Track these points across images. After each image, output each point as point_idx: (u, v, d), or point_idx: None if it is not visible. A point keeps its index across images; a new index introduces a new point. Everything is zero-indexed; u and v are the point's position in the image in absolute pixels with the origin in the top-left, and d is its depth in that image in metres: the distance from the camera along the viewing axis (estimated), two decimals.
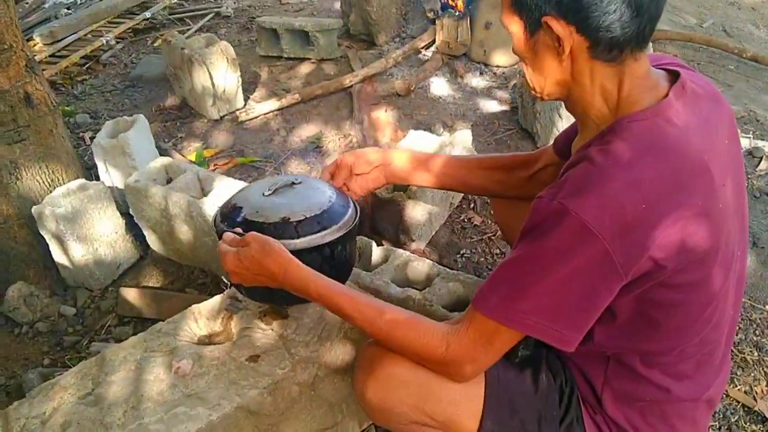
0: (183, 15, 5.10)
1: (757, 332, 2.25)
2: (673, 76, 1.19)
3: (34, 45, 4.57)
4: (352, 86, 3.71)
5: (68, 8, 5.14)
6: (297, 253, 1.41)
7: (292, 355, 1.62)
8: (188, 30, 4.76)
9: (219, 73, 3.41)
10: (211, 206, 2.28)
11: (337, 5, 4.72)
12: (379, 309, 1.30)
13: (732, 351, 2.16)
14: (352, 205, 1.63)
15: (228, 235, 1.44)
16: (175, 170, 2.55)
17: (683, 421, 1.31)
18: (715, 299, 1.19)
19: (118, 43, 4.63)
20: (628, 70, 1.12)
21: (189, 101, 3.65)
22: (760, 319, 2.29)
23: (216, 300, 1.83)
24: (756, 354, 2.16)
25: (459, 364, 1.22)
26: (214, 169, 3.13)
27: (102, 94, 3.98)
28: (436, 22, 4.01)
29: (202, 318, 1.79)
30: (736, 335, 2.22)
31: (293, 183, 1.60)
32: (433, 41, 4.11)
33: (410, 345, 1.26)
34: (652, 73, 1.16)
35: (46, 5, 5.22)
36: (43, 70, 4.13)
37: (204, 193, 2.46)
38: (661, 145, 1.07)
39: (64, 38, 4.58)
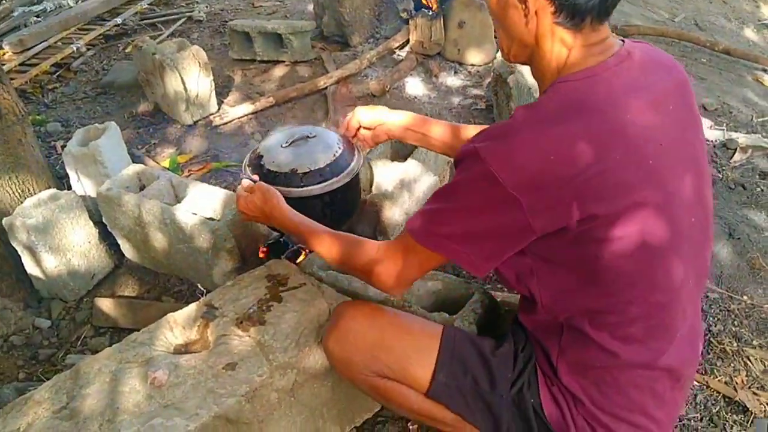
0: (154, 20, 5.03)
1: (735, 323, 2.26)
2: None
3: (3, 54, 4.50)
4: (326, 88, 3.69)
5: (38, 16, 5.07)
6: (301, 199, 1.78)
7: (270, 361, 1.60)
8: (160, 35, 4.71)
9: (191, 77, 3.38)
10: (184, 213, 2.25)
11: (310, 7, 4.69)
12: (334, 236, 1.53)
13: (711, 342, 2.18)
14: (355, 158, 1.90)
15: (245, 182, 1.76)
16: (148, 177, 2.51)
17: (640, 391, 1.31)
18: (658, 260, 1.21)
19: (89, 50, 4.57)
20: (584, 38, 1.19)
21: (162, 107, 3.61)
22: (738, 309, 2.31)
23: (192, 308, 1.80)
24: (735, 344, 2.17)
25: (386, 271, 1.36)
26: (189, 175, 3.09)
27: (73, 101, 3.93)
28: (410, 22, 4.00)
29: (177, 327, 1.76)
30: (714, 326, 2.23)
31: (308, 137, 1.88)
32: (407, 41, 4.10)
33: (351, 258, 1.45)
34: (606, 42, 1.22)
35: (15, 14, 5.14)
36: (13, 79, 4.08)
37: (178, 199, 2.43)
38: (584, 104, 1.14)
39: (34, 46, 4.50)
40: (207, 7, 5.21)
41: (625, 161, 1.12)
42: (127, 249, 2.57)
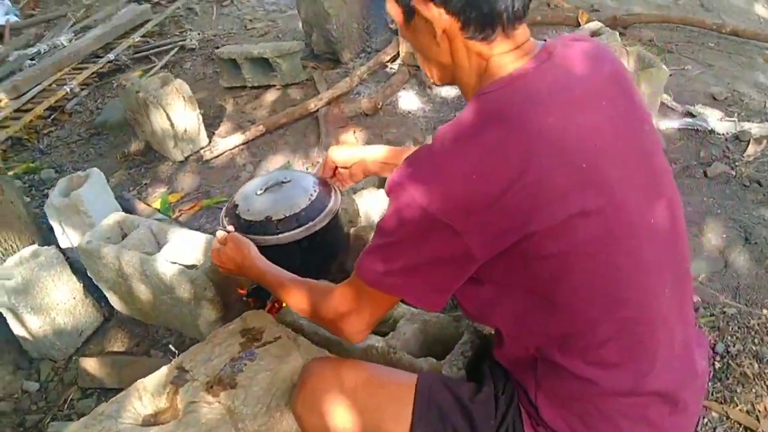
0: (148, 52, 4.99)
1: (755, 341, 2.09)
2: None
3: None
4: (318, 110, 3.59)
5: (32, 59, 5.04)
6: (279, 246, 1.77)
7: (239, 430, 1.50)
8: (152, 67, 4.66)
9: (177, 113, 3.30)
10: (163, 263, 2.16)
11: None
12: (301, 287, 1.45)
13: (730, 365, 2.02)
14: (332, 200, 1.86)
15: (219, 233, 1.76)
16: (129, 225, 2.43)
17: (631, 420, 1.20)
18: (615, 272, 1.11)
19: (82, 89, 4.53)
20: (499, 47, 1.12)
21: (153, 144, 3.54)
22: (758, 325, 2.13)
23: (162, 372, 1.71)
24: (756, 366, 2.00)
25: (350, 322, 1.29)
26: (180, 215, 3.02)
27: (67, 145, 3.89)
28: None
29: (147, 394, 1.67)
30: (733, 346, 2.07)
31: (282, 182, 1.87)
32: (398, 53, 3.98)
33: (316, 311, 1.37)
34: (524, 46, 1.14)
35: (11, 58, 5.13)
36: (7, 127, 4.06)
37: (160, 247, 2.34)
38: (502, 114, 1.06)
39: (28, 91, 4.48)
40: (199, 34, 5.15)
41: (554, 169, 1.03)
42: (114, 301, 2.50)
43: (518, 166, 1.01)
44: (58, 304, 2.35)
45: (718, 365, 2.04)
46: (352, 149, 1.84)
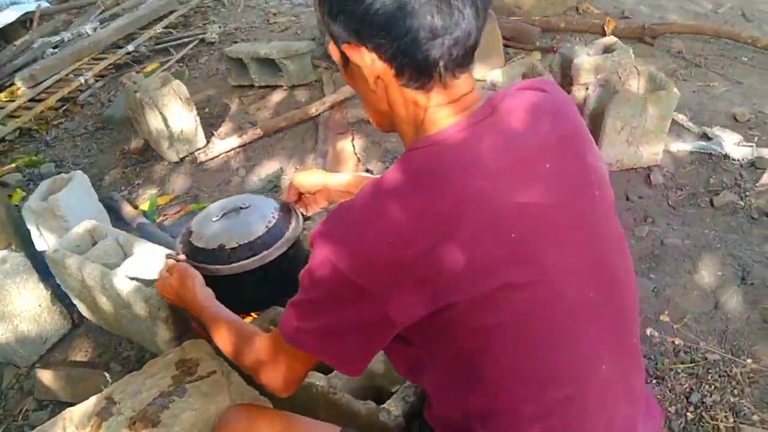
0: (168, 44, 4.97)
1: (735, 392, 1.93)
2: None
3: (17, 89, 4.51)
4: (319, 115, 3.50)
5: (55, 47, 5.08)
6: (232, 276, 1.70)
7: None
8: (169, 60, 4.63)
9: (173, 114, 3.25)
10: (121, 279, 2.10)
11: None
12: (231, 328, 1.37)
13: (703, 417, 1.87)
14: (291, 227, 1.78)
15: (167, 262, 1.73)
16: (99, 234, 2.39)
17: None
18: (544, 349, 1.03)
19: (97, 81, 4.54)
20: (437, 97, 1.02)
21: (151, 143, 3.50)
22: (740, 374, 1.98)
23: (91, 403, 1.66)
24: (731, 420, 1.85)
25: (270, 374, 1.22)
26: (164, 219, 2.97)
27: (72, 138, 3.89)
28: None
29: (72, 425, 1.62)
30: (710, 396, 1.92)
31: (241, 208, 1.80)
32: None
33: (240, 357, 1.30)
34: (467, 98, 1.04)
35: (35, 45, 5.18)
36: (18, 117, 4.08)
37: (127, 258, 2.29)
38: (430, 174, 0.97)
39: (46, 80, 4.51)
40: (220, 27, 5.11)
41: (478, 239, 0.94)
42: (83, 309, 2.46)
43: (439, 233, 0.93)
44: (22, 312, 2.32)
45: (690, 416, 1.90)
46: (316, 175, 1.77)
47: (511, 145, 1.01)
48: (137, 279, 2.12)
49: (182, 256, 1.75)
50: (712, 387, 1.96)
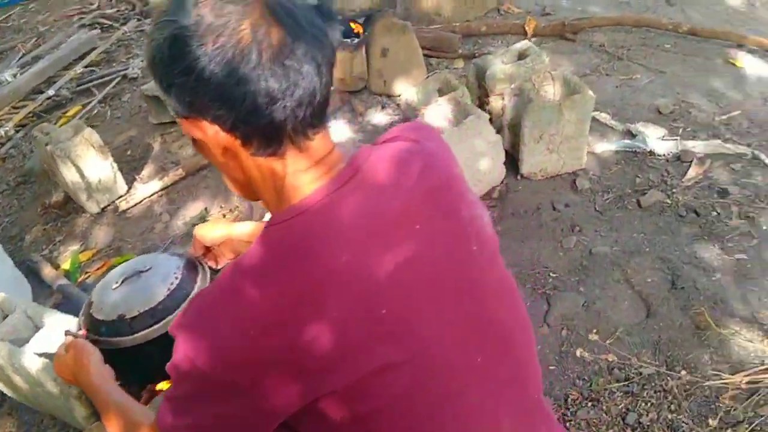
0: (90, 84, 4.81)
1: (672, 407, 1.90)
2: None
3: None
4: None
5: None
6: (135, 348, 1.59)
7: None
8: (90, 102, 4.48)
9: (88, 164, 3.13)
10: (29, 357, 2.00)
11: None
12: (118, 415, 1.26)
13: None
14: (197, 284, 1.68)
15: (66, 339, 1.60)
16: (8, 307, 2.27)
17: None
18: (437, 426, 0.97)
19: (18, 131, 4.37)
20: (293, 164, 0.94)
21: (71, 195, 3.37)
22: (676, 387, 1.94)
23: None
24: None
25: None
26: (87, 276, 2.85)
27: None
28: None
29: None
30: (646, 415, 1.88)
31: (141, 271, 1.69)
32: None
33: None
34: (326, 160, 0.97)
35: None
36: None
37: (37, 330, 2.18)
38: (288, 253, 0.90)
39: None
40: (143, 61, 4.96)
41: (349, 317, 0.88)
42: (3, 387, 2.35)
43: (302, 317, 0.87)
44: None
45: None
46: (219, 226, 1.68)
47: (376, 210, 0.94)
48: (46, 355, 2.02)
49: (82, 332, 1.66)
50: (648, 404, 1.92)
